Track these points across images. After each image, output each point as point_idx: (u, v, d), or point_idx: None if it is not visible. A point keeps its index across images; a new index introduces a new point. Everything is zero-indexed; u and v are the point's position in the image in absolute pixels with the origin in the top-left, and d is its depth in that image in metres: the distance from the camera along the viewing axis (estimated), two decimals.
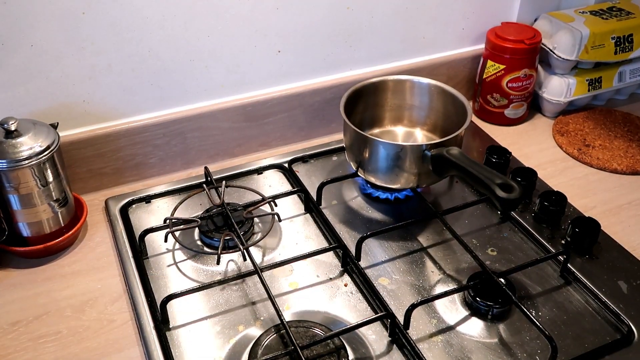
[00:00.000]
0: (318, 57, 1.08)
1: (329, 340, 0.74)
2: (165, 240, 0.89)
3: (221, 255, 0.85)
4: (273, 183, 1.03)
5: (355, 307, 0.81)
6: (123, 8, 0.89)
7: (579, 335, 0.78)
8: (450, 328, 0.78)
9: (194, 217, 0.91)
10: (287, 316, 0.79)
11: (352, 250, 0.87)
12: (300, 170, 1.06)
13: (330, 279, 0.85)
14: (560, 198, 0.94)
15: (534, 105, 1.23)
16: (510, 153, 1.04)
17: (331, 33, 1.07)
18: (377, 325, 0.78)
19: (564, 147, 1.12)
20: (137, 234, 0.89)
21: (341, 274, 0.86)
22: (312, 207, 0.97)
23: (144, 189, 1.00)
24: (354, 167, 0.96)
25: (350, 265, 0.87)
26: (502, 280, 0.81)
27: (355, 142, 0.93)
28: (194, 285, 0.82)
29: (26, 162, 0.80)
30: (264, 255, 0.89)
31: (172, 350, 0.75)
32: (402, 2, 1.09)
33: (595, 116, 1.21)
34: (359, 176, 0.97)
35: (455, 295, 0.82)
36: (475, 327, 0.78)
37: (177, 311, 0.80)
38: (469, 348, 0.76)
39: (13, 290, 0.83)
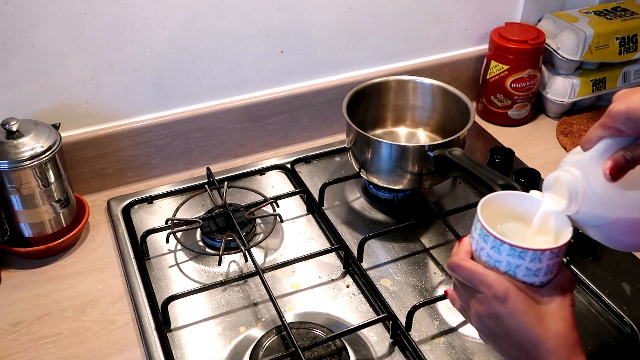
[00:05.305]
0: (321, 58, 1.08)
1: (330, 342, 0.74)
2: (167, 241, 0.89)
3: (223, 256, 0.85)
4: (275, 184, 1.03)
5: (357, 309, 0.81)
6: (125, 8, 0.89)
7: (582, 337, 0.75)
8: (453, 330, 0.78)
9: (195, 217, 0.91)
10: (289, 317, 0.79)
11: (354, 251, 0.87)
12: (302, 170, 1.05)
13: (332, 280, 0.85)
14: None
15: (537, 105, 1.22)
16: (513, 153, 1.04)
17: (334, 33, 1.06)
18: (379, 327, 0.78)
19: (567, 148, 1.12)
20: (139, 234, 0.89)
21: (343, 275, 0.86)
22: (314, 208, 0.97)
23: (146, 190, 1.00)
24: (356, 167, 0.96)
25: (352, 266, 0.86)
26: None
27: (358, 143, 0.93)
28: (196, 286, 0.82)
29: (28, 162, 0.80)
30: (265, 256, 0.89)
31: (173, 351, 0.75)
32: (406, 2, 1.09)
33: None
34: (361, 177, 0.97)
35: None
36: None
37: (178, 312, 0.80)
38: (471, 350, 0.75)
39: (14, 291, 0.83)
